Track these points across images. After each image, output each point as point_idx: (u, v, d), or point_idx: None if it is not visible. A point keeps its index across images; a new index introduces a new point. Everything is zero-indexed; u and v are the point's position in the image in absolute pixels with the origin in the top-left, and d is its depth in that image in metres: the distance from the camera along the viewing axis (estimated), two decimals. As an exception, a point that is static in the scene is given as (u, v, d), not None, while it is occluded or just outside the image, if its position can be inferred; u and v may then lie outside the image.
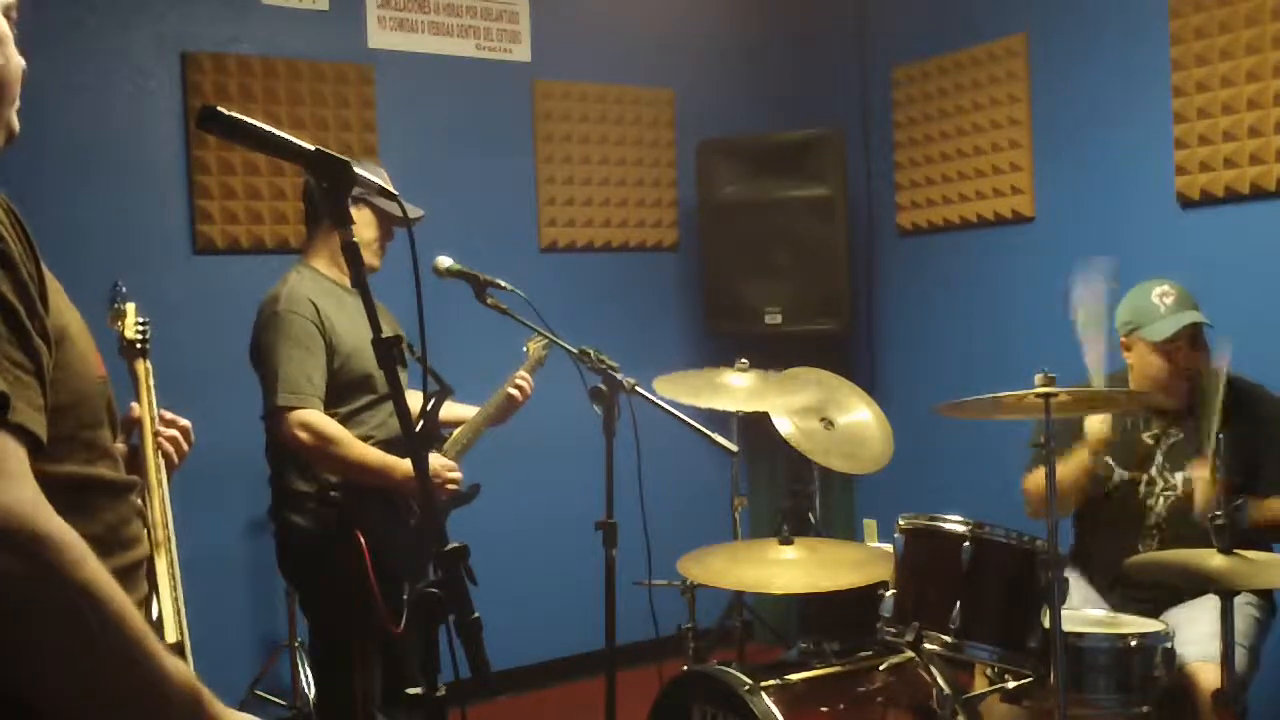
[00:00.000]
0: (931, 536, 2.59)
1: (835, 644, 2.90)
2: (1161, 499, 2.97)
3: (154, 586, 1.37)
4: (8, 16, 1.20)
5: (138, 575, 1.28)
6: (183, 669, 1.05)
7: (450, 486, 2.84)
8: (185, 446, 2.00)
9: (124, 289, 2.33)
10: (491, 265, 2.88)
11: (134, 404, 2.01)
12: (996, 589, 2.52)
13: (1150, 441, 3.03)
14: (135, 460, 1.93)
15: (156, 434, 1.96)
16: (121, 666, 1.00)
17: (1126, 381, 3.07)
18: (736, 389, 3.03)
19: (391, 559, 2.69)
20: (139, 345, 2.20)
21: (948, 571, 2.50)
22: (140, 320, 2.26)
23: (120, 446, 1.92)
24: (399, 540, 2.73)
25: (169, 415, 1.96)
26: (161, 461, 1.93)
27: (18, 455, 0.99)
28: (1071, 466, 2.95)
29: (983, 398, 2.58)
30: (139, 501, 1.32)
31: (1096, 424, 2.92)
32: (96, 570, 0.99)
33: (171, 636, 1.65)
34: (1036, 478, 3.06)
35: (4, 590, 0.94)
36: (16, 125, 1.21)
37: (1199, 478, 2.78)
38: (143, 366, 2.15)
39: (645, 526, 2.71)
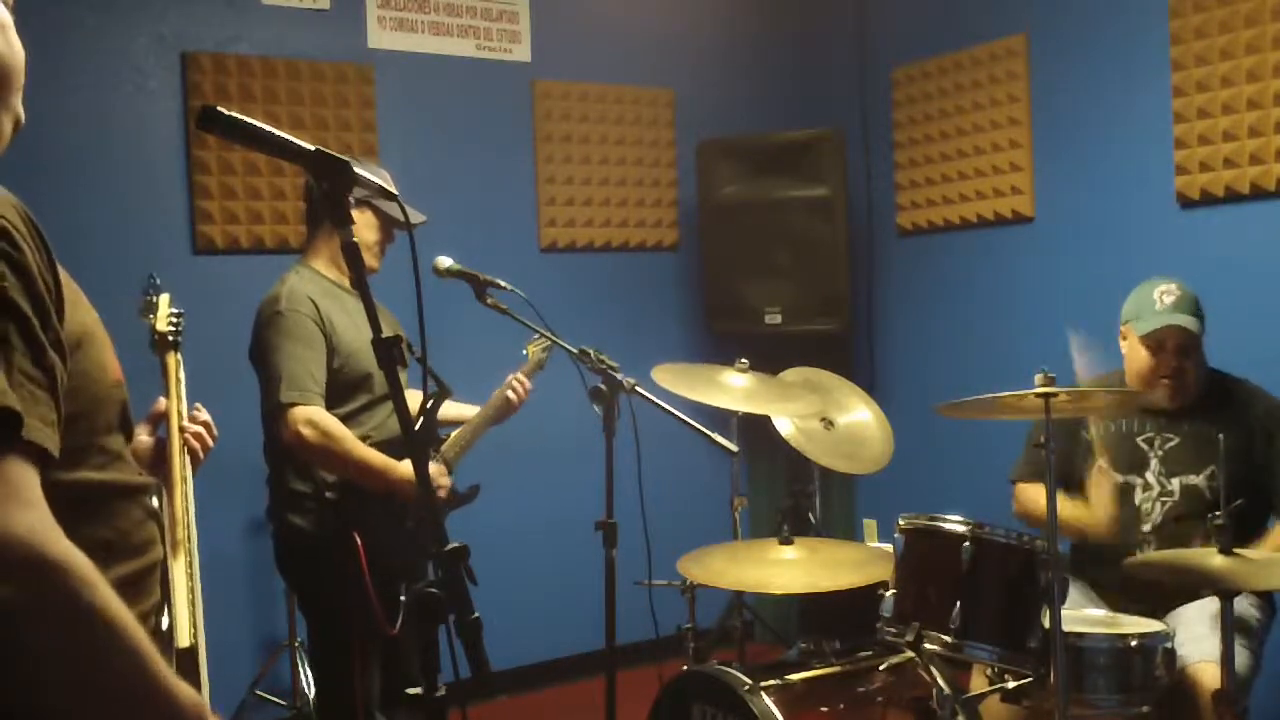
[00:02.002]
0: (931, 536, 2.59)
1: (835, 644, 2.90)
2: (1159, 504, 2.96)
3: (167, 591, 1.36)
4: (7, 4, 1.19)
5: (150, 581, 1.28)
6: (190, 691, 1.05)
7: (440, 492, 2.83)
8: (209, 441, 2.00)
9: (158, 280, 2.31)
10: (491, 265, 2.88)
11: (162, 398, 2.01)
12: (996, 589, 2.52)
13: (1145, 446, 3.02)
14: (161, 454, 1.92)
15: (183, 429, 1.95)
16: (129, 692, 1.00)
17: (1123, 382, 3.07)
18: (736, 389, 3.03)
19: (389, 559, 2.68)
20: (171, 338, 2.18)
21: (948, 571, 2.50)
22: (174, 312, 2.23)
23: (146, 439, 1.92)
24: (397, 541, 2.73)
25: (192, 411, 1.96)
26: (187, 458, 1.93)
27: (29, 479, 0.99)
28: (1071, 511, 2.95)
29: (983, 398, 2.58)
30: (154, 503, 1.31)
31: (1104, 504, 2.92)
32: (106, 594, 0.98)
33: (184, 640, 1.65)
34: (1029, 495, 3.07)
35: (13, 615, 0.93)
36: (23, 113, 1.21)
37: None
38: (173, 359, 2.14)
39: (645, 526, 2.70)
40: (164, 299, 2.26)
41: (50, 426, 1.04)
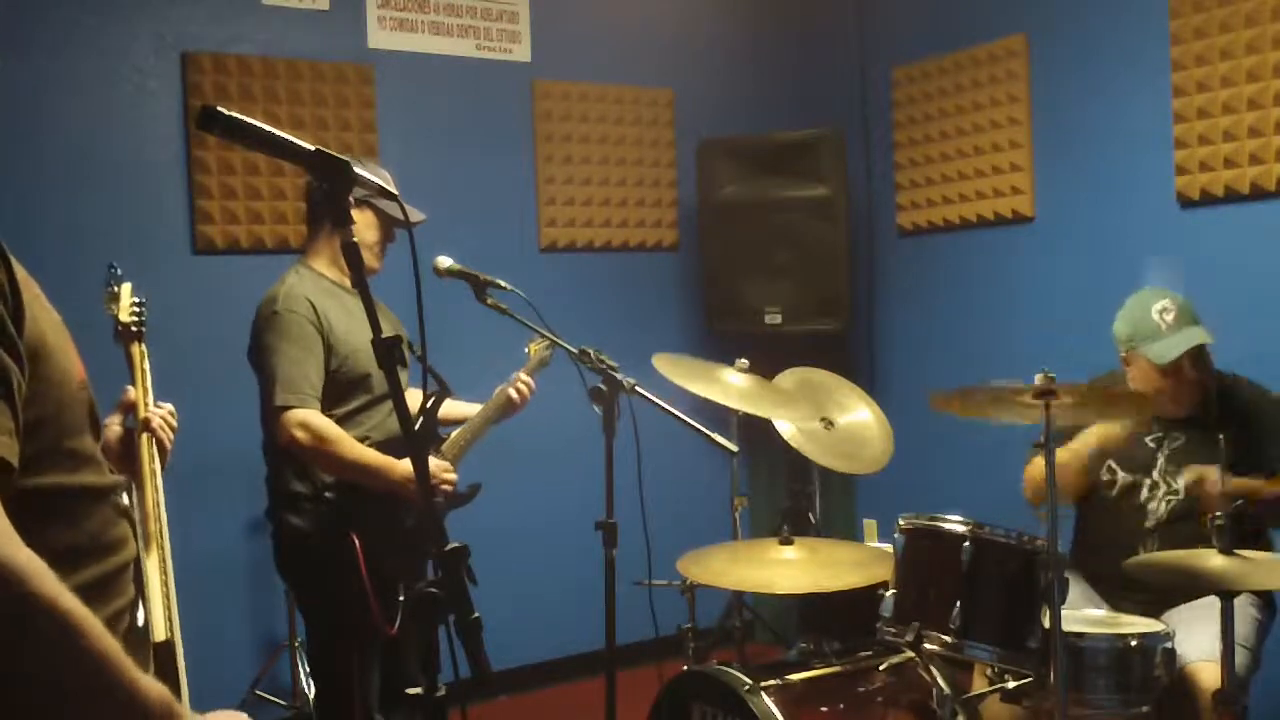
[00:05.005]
0: (931, 536, 2.59)
1: (835, 644, 2.90)
2: (1164, 503, 2.96)
3: (141, 588, 1.36)
4: None
5: (124, 579, 1.26)
6: (157, 689, 1.04)
7: (445, 488, 2.83)
8: (171, 432, 1.99)
9: (119, 270, 2.28)
10: (491, 265, 2.88)
11: (129, 388, 1.99)
12: (996, 589, 2.52)
13: (1152, 445, 3.02)
14: (129, 446, 1.91)
15: (148, 419, 1.94)
16: (95, 694, 0.99)
17: (1121, 382, 3.06)
18: (736, 389, 3.03)
19: (388, 560, 2.68)
20: (134, 329, 2.15)
21: (948, 571, 2.50)
22: (136, 301, 2.19)
23: (116, 429, 1.91)
24: (396, 541, 2.73)
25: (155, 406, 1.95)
26: (155, 450, 1.91)
27: None
28: (1071, 455, 2.95)
29: (981, 386, 2.58)
30: (124, 501, 1.30)
31: (1109, 425, 2.91)
32: (66, 599, 0.98)
33: (160, 634, 1.64)
34: (1039, 465, 3.07)
35: None
36: None
37: (1208, 478, 2.76)
38: (138, 350, 2.11)
39: (645, 526, 2.70)
40: (125, 289, 2.22)
41: (8, 435, 1.02)
